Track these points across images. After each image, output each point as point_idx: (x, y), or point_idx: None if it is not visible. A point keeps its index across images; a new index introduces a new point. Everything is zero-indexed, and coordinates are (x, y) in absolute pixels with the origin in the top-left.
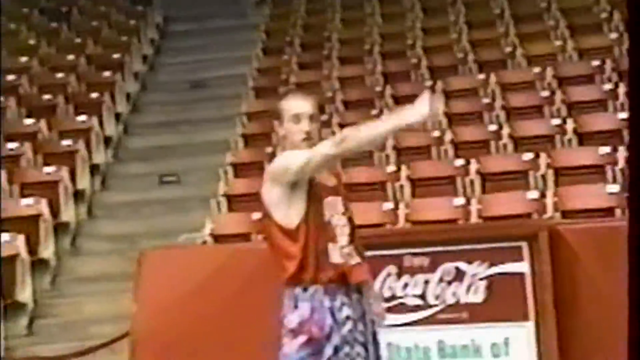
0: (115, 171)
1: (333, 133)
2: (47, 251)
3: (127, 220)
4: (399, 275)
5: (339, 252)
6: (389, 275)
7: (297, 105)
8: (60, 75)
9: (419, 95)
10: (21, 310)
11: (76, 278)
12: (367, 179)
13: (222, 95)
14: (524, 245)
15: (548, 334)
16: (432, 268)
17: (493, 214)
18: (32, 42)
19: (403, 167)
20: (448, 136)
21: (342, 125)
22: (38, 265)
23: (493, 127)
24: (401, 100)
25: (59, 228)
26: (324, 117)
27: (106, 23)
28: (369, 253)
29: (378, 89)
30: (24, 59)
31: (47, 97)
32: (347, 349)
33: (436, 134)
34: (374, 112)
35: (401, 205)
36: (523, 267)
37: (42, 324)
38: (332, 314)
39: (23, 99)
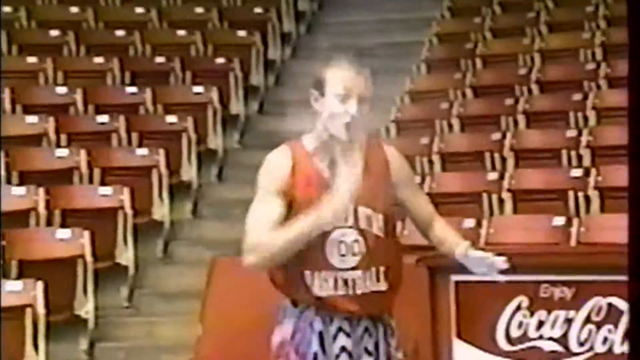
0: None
1: (512, 124)
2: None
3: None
4: (533, 309)
5: (323, 281)
6: (518, 308)
7: (347, 79)
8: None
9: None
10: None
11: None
12: (542, 184)
13: (391, 68)
14: None
15: None
16: (577, 303)
17: None
18: None
19: (592, 172)
20: None
21: (527, 114)
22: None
23: None
24: (615, 84)
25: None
26: (509, 101)
27: None
28: (490, 277)
29: (590, 66)
30: None
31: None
32: None
33: None
34: (577, 96)
35: (575, 221)
36: None
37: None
38: (321, 341)
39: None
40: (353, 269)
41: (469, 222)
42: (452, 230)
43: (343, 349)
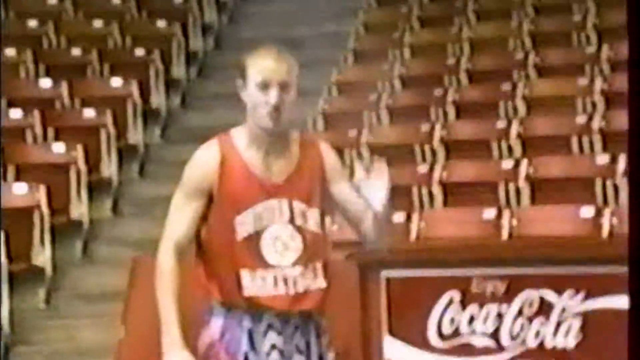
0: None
1: (444, 113)
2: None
3: None
4: (464, 303)
5: (261, 280)
6: (450, 303)
7: (266, 67)
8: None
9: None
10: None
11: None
12: (473, 176)
13: (317, 58)
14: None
15: None
16: (508, 296)
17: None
18: None
19: (523, 162)
20: (597, 123)
21: (457, 105)
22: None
23: None
24: (545, 72)
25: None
26: (439, 92)
27: None
28: (421, 271)
29: (519, 56)
30: None
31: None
32: None
33: (583, 119)
34: (506, 87)
35: (506, 213)
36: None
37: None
38: (251, 339)
39: None
40: (292, 265)
41: (399, 216)
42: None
43: (273, 346)
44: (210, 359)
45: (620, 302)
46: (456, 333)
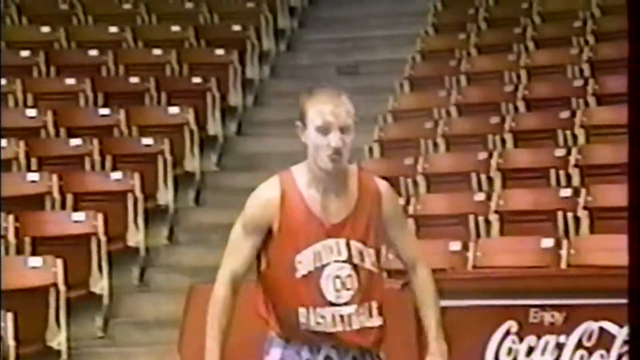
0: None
1: (503, 143)
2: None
3: None
4: (522, 334)
5: (320, 317)
6: (507, 334)
7: (327, 111)
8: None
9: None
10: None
11: None
12: (530, 205)
13: (373, 86)
14: None
15: None
16: (567, 327)
17: None
18: None
19: (582, 191)
20: None
21: (514, 133)
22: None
23: None
24: (604, 100)
25: None
26: (496, 119)
27: None
28: (478, 301)
29: (577, 83)
30: None
31: None
32: None
33: None
34: (565, 114)
35: (564, 243)
36: None
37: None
38: None
39: None
40: (347, 304)
41: (455, 245)
42: (429, 302)
43: None
44: None
45: None
46: None
